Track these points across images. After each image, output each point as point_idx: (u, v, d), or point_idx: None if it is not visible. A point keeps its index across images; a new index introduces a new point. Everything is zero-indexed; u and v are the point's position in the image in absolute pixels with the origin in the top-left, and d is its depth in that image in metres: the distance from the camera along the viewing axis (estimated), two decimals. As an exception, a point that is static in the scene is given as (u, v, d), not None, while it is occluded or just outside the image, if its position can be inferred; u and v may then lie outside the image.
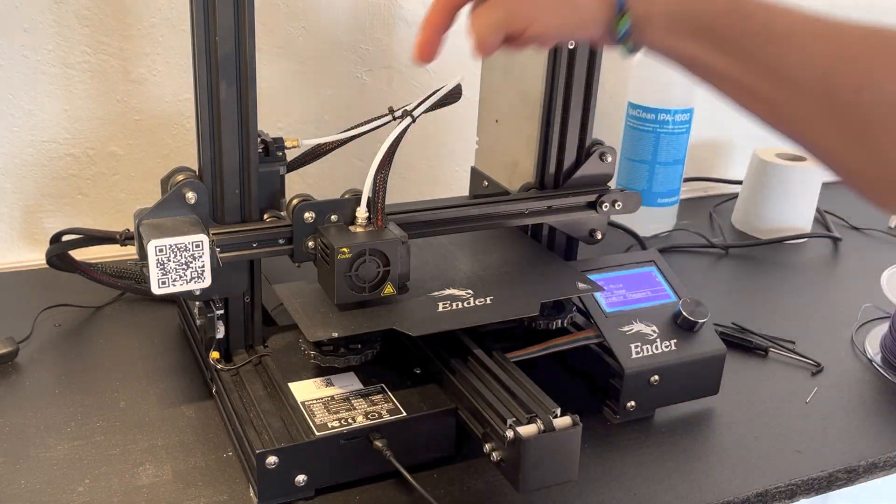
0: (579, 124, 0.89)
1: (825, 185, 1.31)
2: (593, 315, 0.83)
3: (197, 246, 0.70)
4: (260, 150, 0.75)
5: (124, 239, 0.86)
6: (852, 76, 0.46)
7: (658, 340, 0.82)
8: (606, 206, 0.89)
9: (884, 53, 0.46)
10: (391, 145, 0.74)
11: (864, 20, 0.49)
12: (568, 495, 0.72)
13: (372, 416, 0.71)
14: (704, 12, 0.52)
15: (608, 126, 1.36)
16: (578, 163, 0.90)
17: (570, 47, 0.84)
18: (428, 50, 0.62)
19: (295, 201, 0.75)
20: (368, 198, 0.75)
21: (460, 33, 1.28)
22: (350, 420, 0.71)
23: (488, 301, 0.77)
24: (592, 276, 0.84)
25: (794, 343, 0.98)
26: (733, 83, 0.52)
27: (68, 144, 1.06)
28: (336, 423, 0.70)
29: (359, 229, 0.75)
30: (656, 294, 0.86)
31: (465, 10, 0.63)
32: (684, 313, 0.83)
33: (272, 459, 0.67)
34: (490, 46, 0.60)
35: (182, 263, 0.69)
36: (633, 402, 0.81)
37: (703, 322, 0.83)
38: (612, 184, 0.91)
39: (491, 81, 0.97)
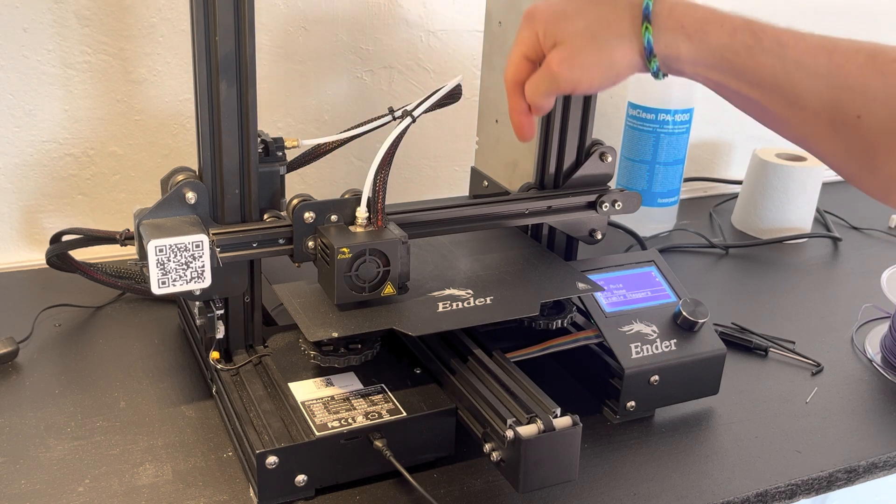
0: (579, 124, 0.88)
1: (825, 185, 1.31)
2: (593, 315, 0.83)
3: (197, 246, 0.70)
4: (260, 150, 0.75)
5: (124, 239, 0.86)
6: (853, 104, 0.54)
7: (658, 340, 0.82)
8: (606, 206, 0.89)
9: (879, 83, 0.53)
10: (391, 145, 0.74)
11: (865, 40, 0.56)
12: (568, 495, 0.73)
13: (372, 416, 0.71)
14: (722, 48, 0.59)
15: (608, 126, 1.36)
16: (578, 163, 0.90)
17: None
18: (525, 131, 0.72)
19: (295, 201, 0.75)
20: (368, 198, 0.75)
21: (460, 33, 1.28)
22: (350, 420, 0.71)
23: (488, 301, 0.77)
24: (592, 276, 0.84)
25: (794, 343, 0.98)
26: (753, 104, 0.60)
27: (68, 144, 1.06)
28: (336, 423, 0.70)
29: (359, 229, 0.75)
30: (656, 294, 0.86)
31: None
32: (684, 313, 0.83)
33: (272, 459, 0.67)
34: (543, 109, 0.70)
35: (182, 263, 0.69)
36: (633, 402, 0.81)
37: (703, 322, 0.83)
38: (612, 184, 0.91)
39: (491, 81, 0.97)
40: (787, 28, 0.59)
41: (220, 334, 0.76)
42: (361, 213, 0.75)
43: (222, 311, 0.76)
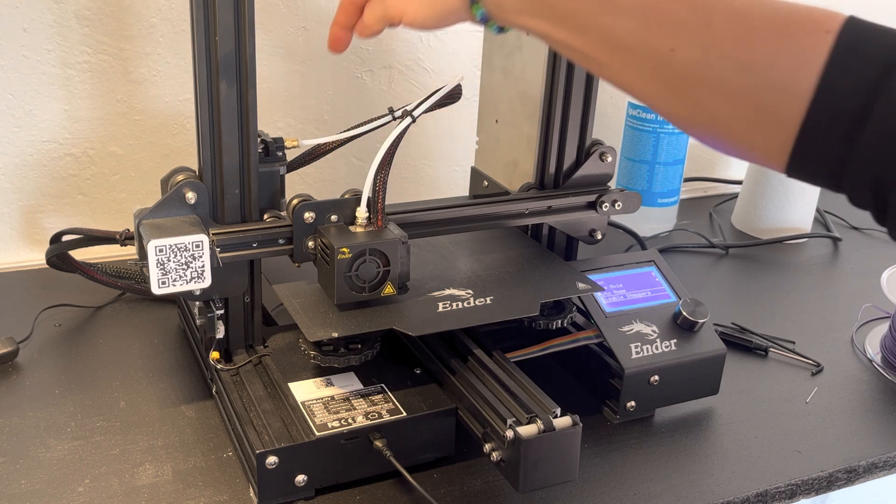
0: (579, 124, 0.89)
1: (825, 185, 1.31)
2: (593, 315, 0.83)
3: (197, 246, 0.70)
4: (260, 150, 0.75)
5: (124, 239, 0.86)
6: (665, 38, 0.52)
7: (658, 340, 0.82)
8: (606, 206, 0.89)
9: (688, 12, 0.52)
10: (391, 145, 0.74)
11: None
12: (568, 495, 0.73)
13: (372, 416, 0.71)
14: None
15: (608, 126, 1.36)
16: (578, 163, 0.90)
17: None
18: (340, 44, 0.72)
19: (295, 201, 0.75)
20: (368, 198, 0.75)
21: (460, 33, 1.28)
22: (350, 420, 0.71)
23: (488, 301, 0.77)
24: (592, 276, 0.84)
25: (794, 343, 0.98)
26: (578, 53, 0.57)
27: (68, 144, 1.06)
28: (336, 423, 0.70)
29: (359, 229, 0.75)
30: (656, 294, 0.86)
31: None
32: (684, 313, 0.83)
33: (272, 459, 0.67)
34: (372, 31, 0.70)
35: (182, 263, 0.69)
36: (633, 402, 0.81)
37: (703, 322, 0.83)
38: (612, 184, 0.91)
39: (491, 81, 0.97)
40: None
41: (220, 334, 0.76)
42: (361, 213, 0.75)
43: (222, 311, 0.76)
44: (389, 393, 0.75)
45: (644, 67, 0.54)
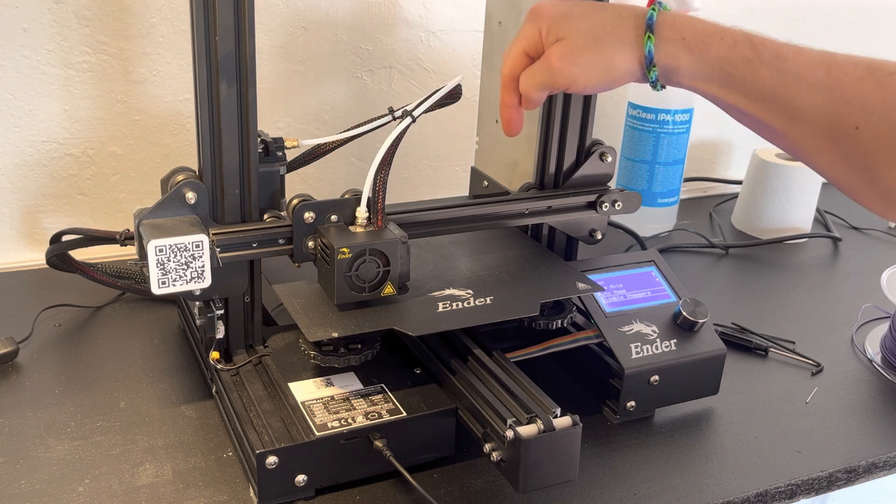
0: (579, 124, 0.89)
1: (825, 185, 1.31)
2: (593, 315, 0.83)
3: (197, 246, 0.70)
4: (260, 150, 0.75)
5: (124, 239, 0.86)
6: (851, 116, 0.54)
7: (658, 340, 0.82)
8: (606, 206, 0.89)
9: (878, 95, 0.54)
10: (391, 145, 0.74)
11: (862, 55, 0.57)
12: (568, 495, 0.73)
13: (372, 416, 0.71)
14: (722, 61, 0.60)
15: (608, 126, 1.36)
16: (578, 163, 0.90)
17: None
18: (513, 126, 0.72)
19: (295, 201, 0.75)
20: (368, 198, 0.75)
21: (460, 32, 1.28)
22: (350, 420, 0.71)
23: (488, 301, 0.77)
24: (592, 276, 0.84)
25: (794, 343, 0.98)
26: (751, 118, 0.60)
27: (68, 144, 1.06)
28: (336, 423, 0.70)
29: (359, 229, 0.75)
30: (656, 294, 0.86)
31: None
32: (684, 313, 0.83)
33: (272, 459, 0.67)
34: (535, 102, 0.70)
35: (182, 263, 0.69)
36: (633, 402, 0.81)
37: (703, 322, 0.83)
38: (612, 184, 0.91)
39: (491, 81, 0.97)
40: (786, 42, 0.60)
41: (220, 334, 0.76)
42: (361, 213, 0.75)
43: (222, 311, 0.76)
44: (389, 393, 0.75)
45: (822, 140, 0.55)
